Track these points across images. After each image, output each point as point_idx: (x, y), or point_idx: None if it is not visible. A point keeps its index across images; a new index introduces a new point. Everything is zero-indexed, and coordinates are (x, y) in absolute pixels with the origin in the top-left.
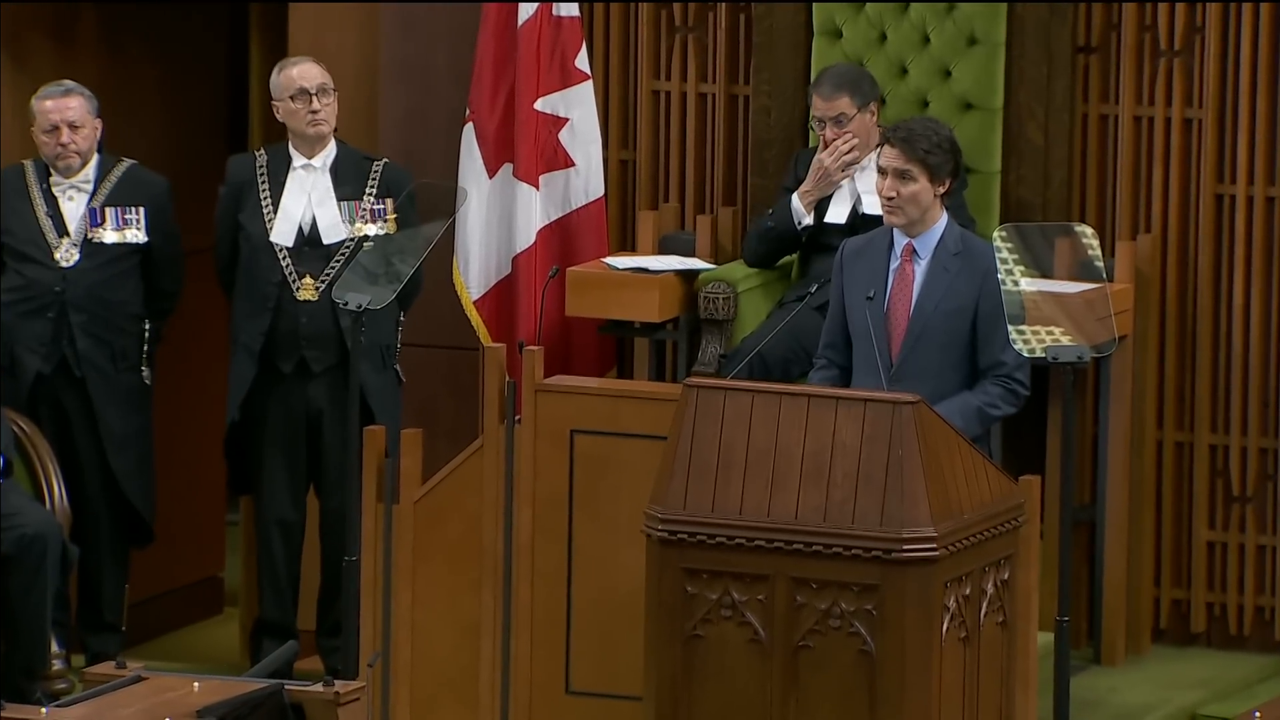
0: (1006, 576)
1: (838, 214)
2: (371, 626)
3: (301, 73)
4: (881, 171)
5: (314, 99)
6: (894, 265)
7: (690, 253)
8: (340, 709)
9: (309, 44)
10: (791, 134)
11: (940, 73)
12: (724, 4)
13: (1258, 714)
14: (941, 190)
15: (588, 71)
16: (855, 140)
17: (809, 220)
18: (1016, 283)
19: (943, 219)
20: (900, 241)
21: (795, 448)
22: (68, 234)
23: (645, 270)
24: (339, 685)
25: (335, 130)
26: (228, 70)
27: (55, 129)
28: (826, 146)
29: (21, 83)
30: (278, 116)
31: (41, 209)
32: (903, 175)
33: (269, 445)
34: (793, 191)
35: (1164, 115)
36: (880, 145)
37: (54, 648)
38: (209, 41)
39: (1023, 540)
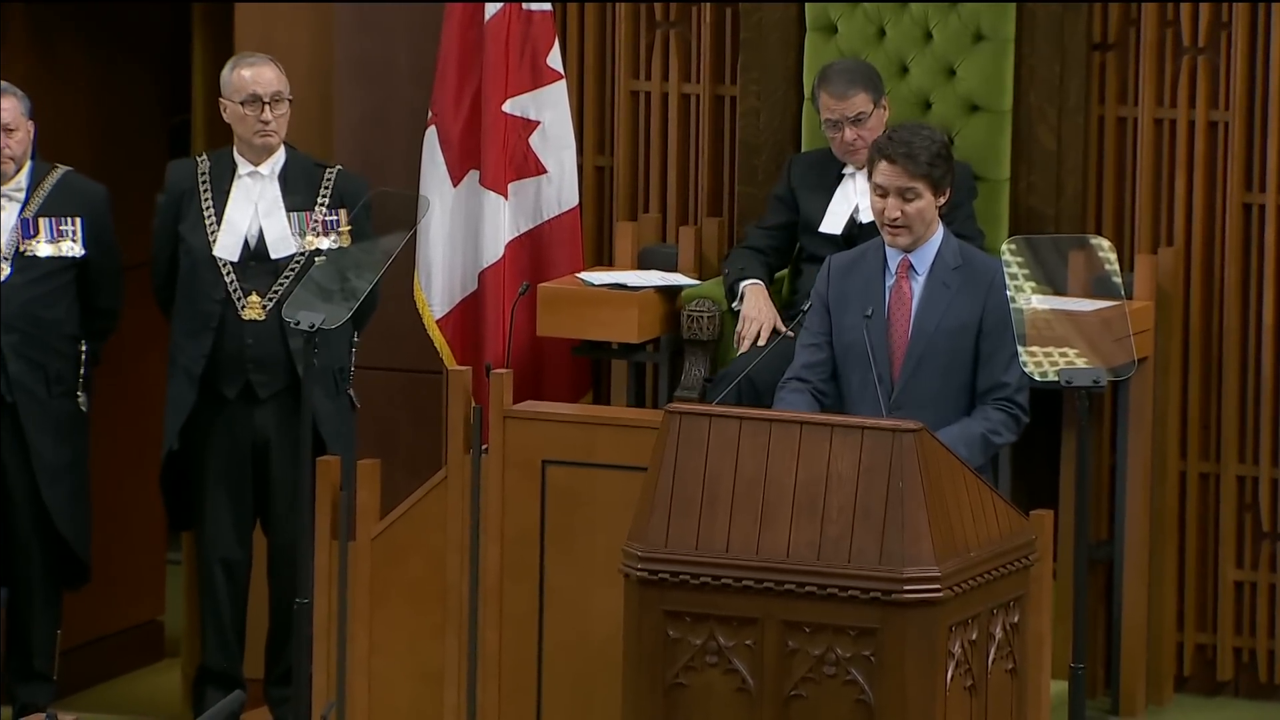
0: (1016, 620)
1: (832, 224)
2: (325, 675)
3: (255, 76)
4: (880, 191)
5: (266, 108)
6: (889, 283)
7: (672, 267)
8: None
9: (257, 41)
10: (782, 138)
11: (944, 72)
12: None
13: None
14: (942, 201)
15: (561, 70)
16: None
17: (737, 307)
18: (1027, 300)
19: (939, 231)
20: (895, 257)
21: (787, 479)
22: None
23: (623, 286)
24: None
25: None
26: (169, 70)
27: None
28: (842, 150)
29: None
30: (224, 116)
31: None
32: (906, 193)
33: (211, 477)
34: (783, 200)
35: (1187, 118)
36: (874, 161)
37: None
38: (148, 39)
39: (1034, 580)
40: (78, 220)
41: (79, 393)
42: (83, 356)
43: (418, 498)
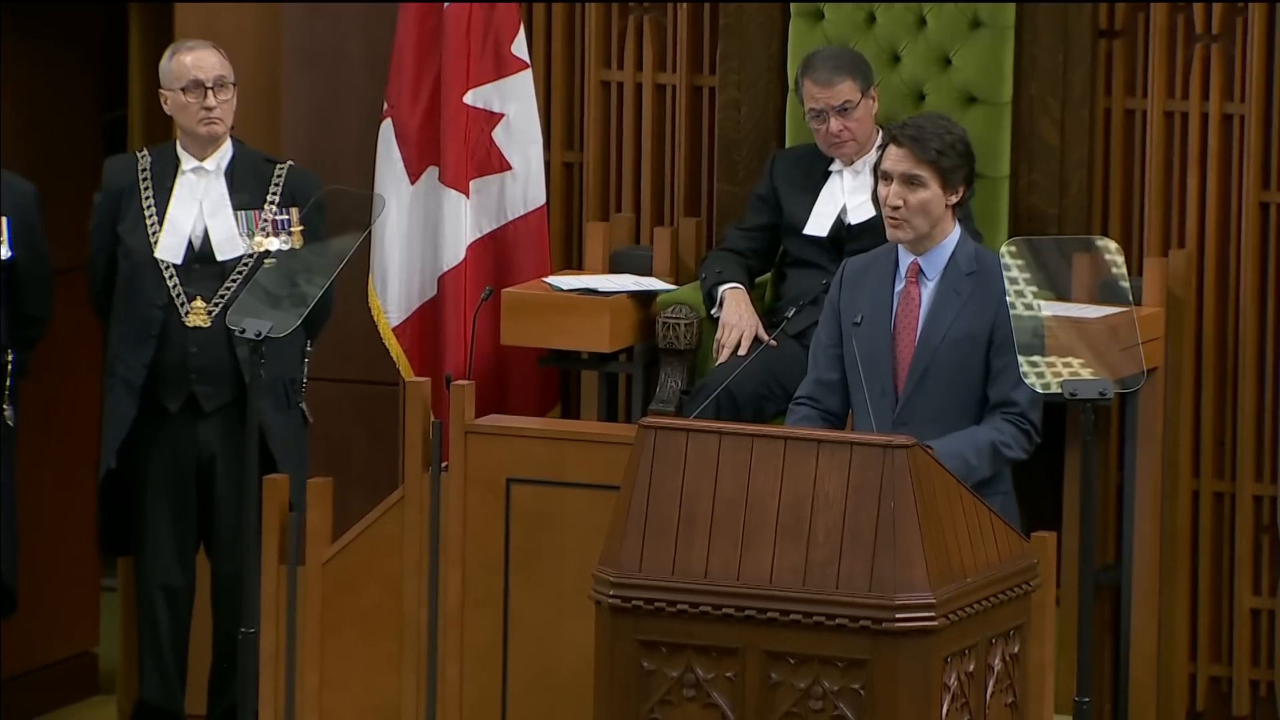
0: (1016, 650)
1: (818, 225)
2: (273, 710)
3: (196, 61)
4: (884, 177)
5: (209, 93)
6: (898, 288)
7: (647, 271)
8: None
9: (199, 29)
10: (765, 132)
11: (939, 61)
12: None
13: None
14: (954, 199)
15: (526, 59)
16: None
17: (716, 313)
18: (1029, 306)
19: (954, 233)
20: (905, 260)
21: (770, 499)
22: None
23: (594, 292)
24: None
25: (231, 128)
26: (104, 61)
27: None
28: (827, 142)
29: None
30: (165, 109)
31: None
32: (911, 181)
33: (152, 497)
34: (765, 200)
35: (1200, 110)
36: (882, 146)
37: None
38: (82, 29)
39: (1036, 608)
40: (4, 220)
41: (5, 406)
42: (9, 367)
43: (372, 519)
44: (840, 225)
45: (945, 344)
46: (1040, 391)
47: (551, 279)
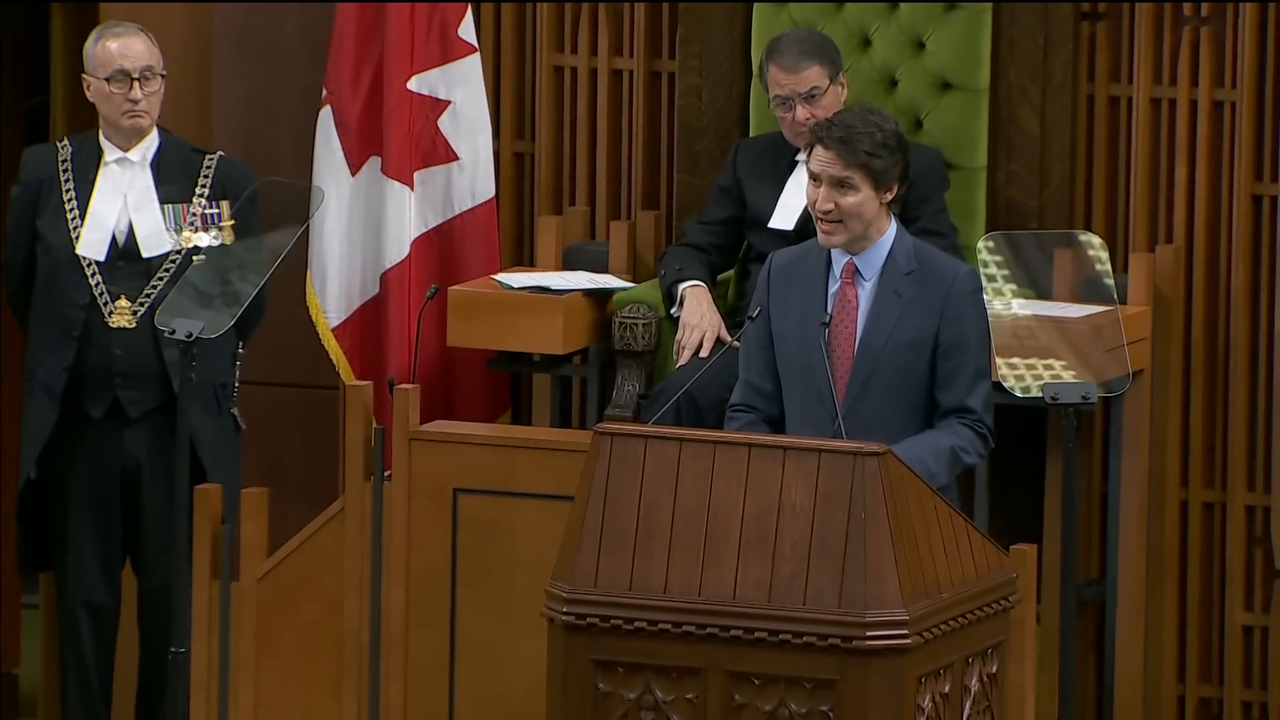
0: (994, 670)
1: (784, 218)
2: None
3: (123, 49)
4: (814, 178)
5: (135, 85)
6: (833, 289)
7: (602, 268)
8: None
9: (125, 10)
10: (727, 120)
11: (912, 44)
12: None
13: None
14: (889, 197)
15: (474, 43)
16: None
17: (676, 312)
18: (1007, 305)
19: (890, 230)
20: (840, 259)
21: (733, 510)
22: None
23: (546, 290)
24: None
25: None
26: (24, 46)
27: None
28: (793, 131)
29: None
30: (88, 95)
31: None
32: (841, 184)
33: (74, 509)
34: (727, 192)
35: (1188, 97)
36: (809, 145)
37: None
38: (0, 8)
39: (1015, 625)
40: None
41: None
42: None
43: (311, 532)
44: (807, 218)
45: (888, 349)
46: (1019, 396)
47: (501, 276)
